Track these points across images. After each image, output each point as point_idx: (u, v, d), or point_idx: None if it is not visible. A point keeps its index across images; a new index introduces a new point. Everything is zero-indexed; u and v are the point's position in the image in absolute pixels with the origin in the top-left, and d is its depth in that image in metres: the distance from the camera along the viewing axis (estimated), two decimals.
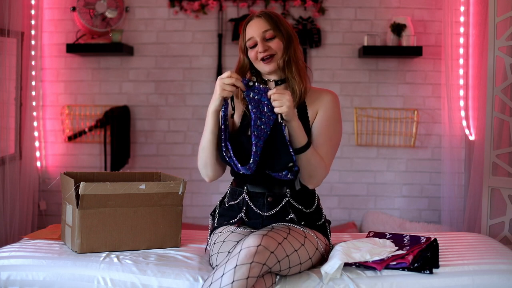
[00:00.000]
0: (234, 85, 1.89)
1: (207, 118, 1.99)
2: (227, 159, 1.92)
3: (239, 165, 1.88)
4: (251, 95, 1.88)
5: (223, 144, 1.92)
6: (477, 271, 1.95)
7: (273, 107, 1.88)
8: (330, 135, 2.07)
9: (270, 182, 2.04)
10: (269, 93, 1.88)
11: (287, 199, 2.06)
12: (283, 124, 1.90)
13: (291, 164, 1.88)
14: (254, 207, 2.07)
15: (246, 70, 2.12)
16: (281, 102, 1.86)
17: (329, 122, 2.08)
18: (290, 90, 2.07)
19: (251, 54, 2.06)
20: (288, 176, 1.90)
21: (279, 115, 1.89)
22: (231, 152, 1.90)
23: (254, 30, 2.06)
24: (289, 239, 1.87)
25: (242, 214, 2.08)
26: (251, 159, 1.85)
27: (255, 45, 2.05)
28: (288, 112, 1.86)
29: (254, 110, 1.87)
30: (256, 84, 1.89)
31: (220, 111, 1.96)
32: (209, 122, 1.98)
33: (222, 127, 1.94)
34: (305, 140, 1.95)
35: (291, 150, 1.89)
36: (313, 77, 3.91)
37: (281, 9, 3.91)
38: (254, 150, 1.85)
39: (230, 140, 1.93)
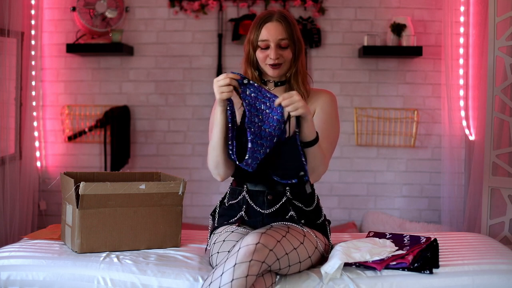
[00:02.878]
0: (230, 85, 1.88)
1: (215, 119, 1.97)
2: (232, 156, 1.93)
3: (237, 162, 1.90)
4: (247, 92, 1.88)
5: (229, 142, 1.94)
6: (477, 271, 1.95)
7: (272, 105, 1.87)
8: (328, 133, 2.07)
9: (269, 180, 2.05)
10: (277, 101, 1.86)
11: (286, 197, 2.07)
12: (296, 130, 1.90)
13: (302, 173, 1.89)
14: (254, 205, 2.08)
15: (255, 63, 2.11)
16: (294, 105, 1.84)
17: (327, 120, 2.09)
18: None
19: (260, 55, 2.06)
20: (293, 181, 1.91)
21: (289, 116, 1.89)
22: (234, 149, 1.92)
23: (272, 34, 2.03)
24: (288, 237, 1.88)
25: (242, 212, 2.09)
26: (247, 155, 1.86)
27: (267, 48, 2.05)
28: (304, 111, 1.85)
29: (248, 108, 1.88)
30: (251, 81, 1.89)
31: (226, 111, 1.95)
32: (218, 122, 1.96)
33: (229, 125, 1.94)
34: (315, 134, 1.94)
35: (303, 159, 1.88)
36: (314, 77, 3.92)
37: (281, 9, 3.90)
38: (250, 146, 1.86)
39: (237, 138, 1.94)
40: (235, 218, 2.10)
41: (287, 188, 2.07)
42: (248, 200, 2.09)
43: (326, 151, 2.04)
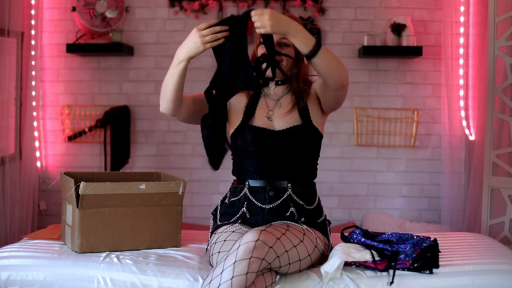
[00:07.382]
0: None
1: (177, 60, 2.16)
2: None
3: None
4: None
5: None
6: (477, 271, 1.95)
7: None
8: None
9: (271, 176, 2.08)
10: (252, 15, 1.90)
11: (288, 193, 2.08)
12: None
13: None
14: (255, 201, 2.08)
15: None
16: (262, 23, 1.88)
17: None
18: (290, 95, 2.22)
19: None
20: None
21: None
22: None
23: None
24: (287, 235, 1.88)
25: (244, 208, 2.09)
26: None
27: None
28: (272, 29, 1.88)
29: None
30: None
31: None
32: (181, 67, 2.17)
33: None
34: (314, 40, 1.93)
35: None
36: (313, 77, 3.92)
37: (281, 9, 3.91)
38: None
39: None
40: (237, 216, 2.10)
41: (289, 184, 2.08)
42: (249, 196, 2.10)
43: None
